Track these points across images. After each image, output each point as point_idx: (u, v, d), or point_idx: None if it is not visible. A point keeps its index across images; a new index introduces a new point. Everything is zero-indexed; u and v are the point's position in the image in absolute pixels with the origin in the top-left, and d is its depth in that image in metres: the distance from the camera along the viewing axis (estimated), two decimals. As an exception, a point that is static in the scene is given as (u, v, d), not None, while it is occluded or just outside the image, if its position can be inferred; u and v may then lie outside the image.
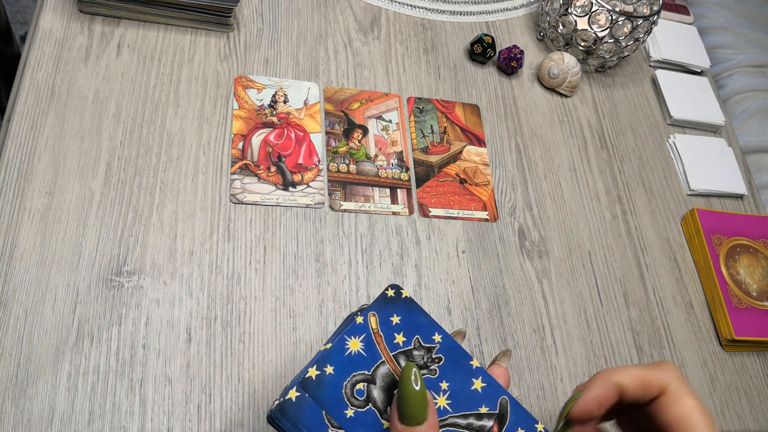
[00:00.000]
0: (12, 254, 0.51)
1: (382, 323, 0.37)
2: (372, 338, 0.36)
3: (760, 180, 0.97)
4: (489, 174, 0.68)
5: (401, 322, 0.37)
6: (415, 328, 0.37)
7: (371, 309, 0.37)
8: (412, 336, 0.36)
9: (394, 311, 0.37)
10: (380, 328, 0.36)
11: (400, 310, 0.37)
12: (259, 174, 0.60)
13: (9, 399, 0.45)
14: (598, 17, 0.76)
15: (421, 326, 0.37)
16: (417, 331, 0.37)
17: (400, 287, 0.38)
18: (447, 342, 0.37)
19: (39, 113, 0.57)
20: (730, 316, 0.65)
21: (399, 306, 0.37)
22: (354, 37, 0.73)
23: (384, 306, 0.37)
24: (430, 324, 0.37)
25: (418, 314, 0.37)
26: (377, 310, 0.37)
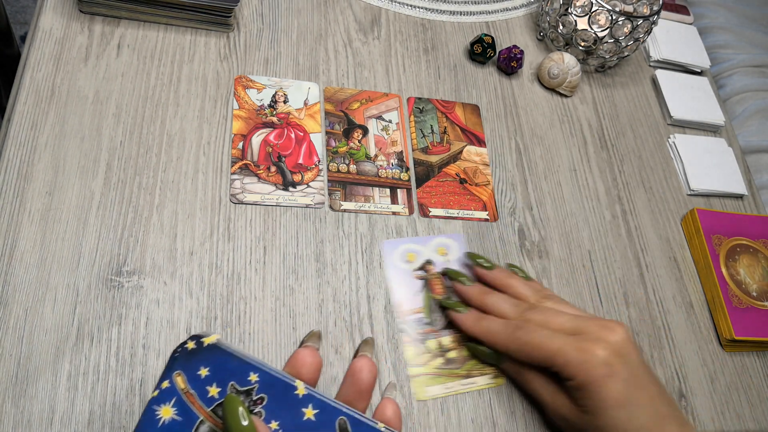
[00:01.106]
0: (12, 254, 0.51)
1: (191, 380, 0.34)
2: (183, 399, 0.33)
3: (760, 180, 0.97)
4: (489, 174, 0.68)
5: (210, 372, 0.34)
6: (227, 375, 0.34)
7: (176, 368, 0.34)
8: (226, 384, 0.34)
9: (201, 363, 0.34)
10: (189, 386, 0.33)
11: (206, 361, 0.34)
12: (259, 174, 0.60)
13: (9, 399, 0.45)
14: (598, 17, 0.76)
15: (233, 370, 0.34)
16: (230, 378, 0.34)
17: (201, 336, 0.35)
18: (265, 378, 0.34)
19: (39, 113, 0.57)
20: (730, 316, 0.65)
21: (204, 356, 0.34)
22: (354, 37, 0.73)
23: (188, 361, 0.34)
24: (242, 365, 0.34)
25: (226, 359, 0.34)
26: (182, 368, 0.34)
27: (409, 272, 0.58)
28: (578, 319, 0.50)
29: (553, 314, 0.50)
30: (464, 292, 0.56)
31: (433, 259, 0.60)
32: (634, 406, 0.45)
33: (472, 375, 0.55)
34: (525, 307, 0.52)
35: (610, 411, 0.45)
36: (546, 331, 0.49)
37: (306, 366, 0.36)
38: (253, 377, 0.34)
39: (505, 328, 0.51)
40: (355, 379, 0.37)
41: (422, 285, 0.58)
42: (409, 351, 0.55)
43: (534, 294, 0.55)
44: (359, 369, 0.37)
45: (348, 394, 0.37)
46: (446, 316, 0.57)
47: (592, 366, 0.45)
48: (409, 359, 0.54)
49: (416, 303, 0.57)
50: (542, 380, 0.50)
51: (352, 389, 0.37)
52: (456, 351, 0.55)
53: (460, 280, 0.57)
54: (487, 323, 0.52)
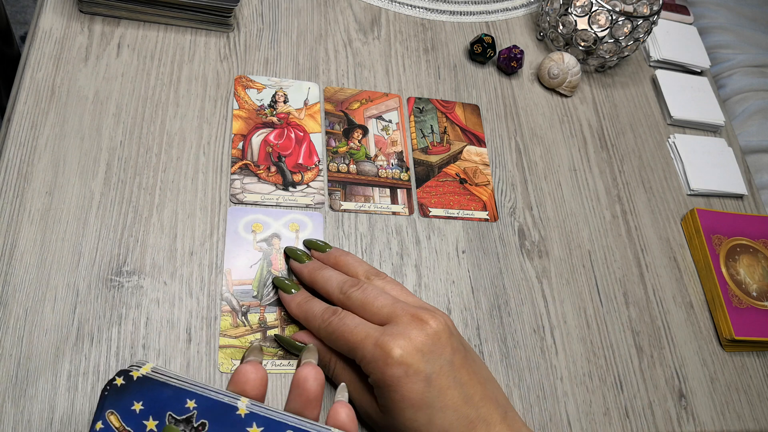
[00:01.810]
0: (12, 254, 0.51)
1: (125, 417, 0.32)
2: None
3: (760, 180, 0.97)
4: (489, 174, 0.68)
5: (144, 406, 0.33)
6: (162, 406, 0.33)
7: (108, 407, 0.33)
8: (164, 415, 0.32)
9: (133, 398, 0.33)
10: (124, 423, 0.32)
11: (138, 394, 0.33)
12: (259, 174, 0.60)
13: (9, 399, 0.45)
14: (598, 17, 0.76)
15: (168, 400, 0.33)
16: (166, 408, 0.33)
17: (128, 370, 0.34)
18: (203, 403, 0.33)
19: (39, 113, 0.57)
20: (730, 316, 0.65)
21: (136, 390, 0.33)
22: (354, 37, 0.73)
23: (120, 398, 0.33)
24: (176, 393, 0.33)
25: (159, 389, 0.33)
26: (114, 406, 0.33)
27: (251, 242, 0.56)
28: (396, 304, 0.46)
29: (375, 295, 0.47)
30: (297, 269, 0.53)
31: (281, 234, 0.57)
32: (435, 408, 0.42)
33: (290, 357, 0.52)
34: (351, 284, 0.48)
35: (407, 412, 0.42)
36: (357, 320, 0.45)
37: (250, 383, 0.35)
38: (191, 404, 0.33)
39: (323, 313, 0.47)
40: (301, 390, 0.36)
41: (260, 258, 0.55)
42: (225, 321, 0.52)
43: (366, 272, 0.51)
44: (304, 378, 0.36)
45: (296, 405, 0.36)
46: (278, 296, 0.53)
47: (387, 365, 0.42)
48: (223, 329, 0.52)
49: (248, 275, 0.55)
50: (351, 375, 0.47)
51: (300, 400, 0.36)
52: (278, 329, 0.53)
53: (298, 256, 0.53)
54: (310, 305, 0.49)
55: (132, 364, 0.35)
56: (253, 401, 0.34)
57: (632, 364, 0.61)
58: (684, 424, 0.60)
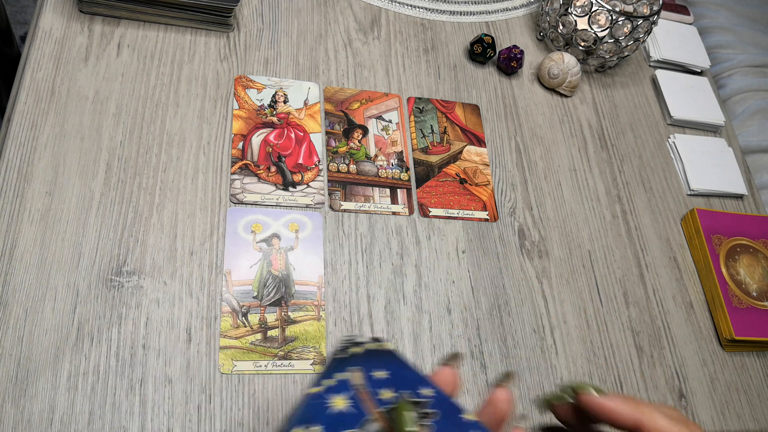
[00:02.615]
0: (12, 254, 0.51)
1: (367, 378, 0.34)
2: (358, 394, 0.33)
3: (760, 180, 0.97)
4: (489, 174, 0.68)
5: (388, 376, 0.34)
6: (402, 383, 0.34)
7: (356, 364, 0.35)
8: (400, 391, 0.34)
9: (379, 365, 0.35)
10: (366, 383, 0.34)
11: (384, 364, 0.35)
12: (259, 174, 0.60)
13: (9, 399, 0.45)
14: (598, 17, 0.76)
15: (409, 380, 0.34)
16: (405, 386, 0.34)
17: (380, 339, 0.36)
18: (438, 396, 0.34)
19: (39, 113, 0.57)
20: (730, 316, 0.65)
21: (383, 360, 0.35)
22: (354, 37, 0.73)
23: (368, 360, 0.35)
24: (418, 378, 0.35)
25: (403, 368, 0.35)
26: (361, 365, 0.34)
27: (251, 243, 0.56)
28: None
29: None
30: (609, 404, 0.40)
31: (281, 234, 0.57)
32: None
33: (290, 358, 0.52)
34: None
35: None
36: None
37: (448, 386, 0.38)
38: (427, 392, 0.34)
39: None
40: (495, 409, 0.38)
41: (260, 258, 0.56)
42: (226, 322, 0.53)
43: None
44: (501, 399, 0.38)
45: (487, 420, 0.38)
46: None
47: None
48: (223, 330, 0.52)
49: (248, 275, 0.55)
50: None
51: (492, 418, 0.38)
52: (278, 330, 0.53)
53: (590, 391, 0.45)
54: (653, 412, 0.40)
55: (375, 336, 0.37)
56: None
57: (632, 364, 0.61)
58: (684, 424, 0.60)
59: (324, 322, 0.55)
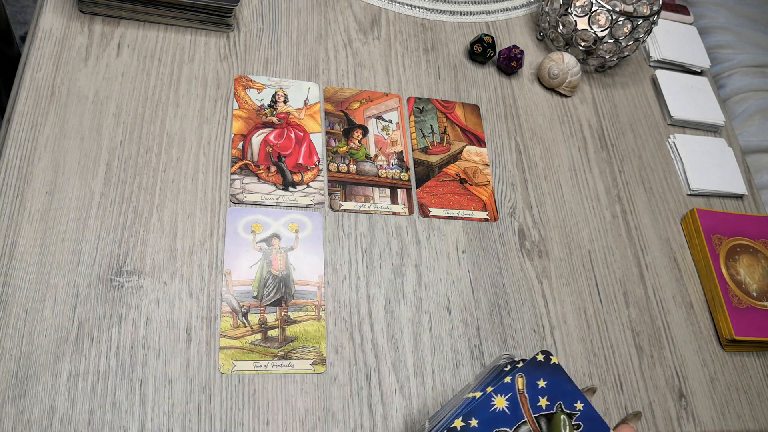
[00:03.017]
0: (12, 254, 0.51)
1: (529, 385, 0.38)
2: (517, 398, 0.38)
3: (760, 180, 0.97)
4: (489, 174, 0.68)
5: (547, 386, 0.39)
6: (559, 394, 0.38)
7: (520, 371, 0.39)
8: (556, 401, 0.38)
9: (542, 375, 0.39)
10: (526, 389, 0.38)
11: (547, 375, 0.39)
12: (259, 174, 0.60)
13: (9, 399, 0.45)
14: (598, 17, 0.76)
15: (566, 393, 0.39)
16: (560, 397, 0.38)
17: (550, 353, 0.40)
18: (588, 412, 0.38)
19: (39, 113, 0.57)
20: (730, 316, 0.65)
21: (546, 371, 0.39)
22: (354, 37, 0.73)
23: (532, 369, 0.39)
24: (573, 392, 0.39)
25: (563, 381, 0.39)
26: (525, 372, 0.39)
27: (251, 243, 0.56)
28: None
29: None
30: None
31: (281, 234, 0.57)
32: None
33: (290, 357, 0.52)
34: None
35: None
36: None
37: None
38: (579, 405, 0.38)
39: None
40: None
41: (260, 258, 0.56)
42: (226, 322, 0.52)
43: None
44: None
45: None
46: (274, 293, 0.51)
47: None
48: (223, 330, 0.52)
49: (248, 275, 0.55)
50: None
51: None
52: (278, 330, 0.53)
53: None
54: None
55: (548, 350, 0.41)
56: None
57: (632, 364, 0.61)
58: (684, 424, 0.60)
59: (324, 322, 0.55)
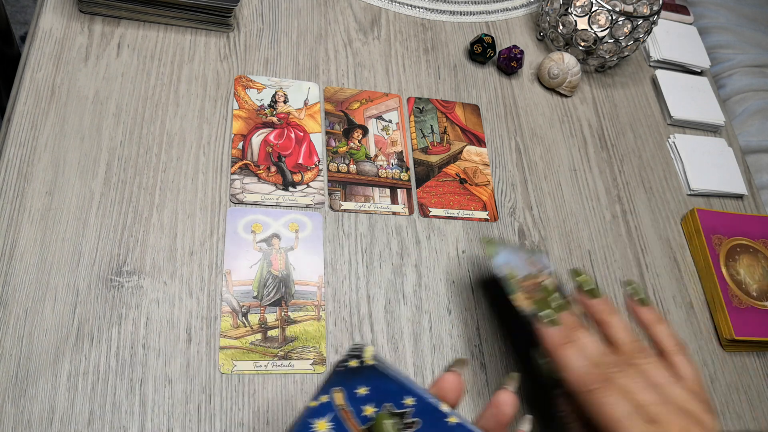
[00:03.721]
0: (12, 254, 0.51)
1: (349, 397, 0.34)
2: (339, 416, 0.34)
3: (760, 180, 0.97)
4: (489, 174, 0.68)
5: (369, 392, 0.35)
6: (384, 396, 0.34)
7: (336, 385, 0.35)
8: (382, 405, 0.34)
9: (360, 382, 0.35)
10: (347, 403, 0.34)
11: (366, 380, 0.35)
12: (259, 174, 0.60)
13: (9, 399, 0.45)
14: (598, 17, 0.76)
15: (391, 393, 0.35)
16: (386, 399, 0.34)
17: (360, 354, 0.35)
18: (420, 404, 0.34)
19: (39, 113, 0.57)
20: (730, 316, 0.65)
21: (365, 375, 0.35)
22: (354, 37, 0.73)
23: (349, 378, 0.35)
24: (400, 388, 0.35)
25: (385, 380, 0.35)
26: (342, 384, 0.35)
27: (250, 243, 0.56)
28: (664, 406, 0.44)
29: (641, 387, 0.45)
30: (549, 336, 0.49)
31: (281, 234, 0.57)
32: None
33: (290, 357, 0.52)
34: (613, 364, 0.47)
35: None
36: (625, 405, 0.44)
37: (452, 391, 0.37)
38: (409, 401, 0.35)
39: (586, 374, 0.46)
40: (498, 411, 0.38)
41: (260, 258, 0.56)
42: (226, 322, 0.52)
43: (630, 343, 0.48)
44: (504, 402, 0.38)
45: (488, 424, 0.38)
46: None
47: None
48: (223, 330, 0.52)
49: (248, 275, 0.55)
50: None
51: (493, 420, 0.38)
52: (278, 330, 0.53)
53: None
54: (571, 354, 0.47)
55: (355, 345, 0.37)
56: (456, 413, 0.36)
57: (632, 364, 0.61)
58: (684, 424, 0.60)
59: (324, 322, 0.55)
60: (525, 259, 0.56)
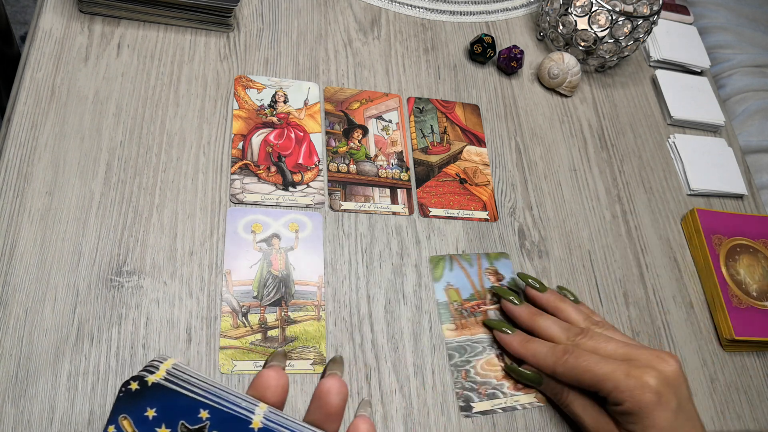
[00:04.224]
0: (12, 254, 0.51)
1: (137, 422, 0.32)
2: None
3: (760, 180, 0.97)
4: (489, 174, 0.68)
5: (158, 413, 0.32)
6: (176, 414, 0.32)
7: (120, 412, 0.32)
8: (176, 423, 0.32)
9: (146, 404, 0.32)
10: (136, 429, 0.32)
11: (152, 401, 0.32)
12: (259, 174, 0.60)
13: (9, 399, 0.45)
14: (598, 17, 0.76)
15: (183, 409, 0.32)
16: (179, 417, 0.32)
17: (143, 375, 0.33)
18: (216, 415, 0.32)
19: (39, 113, 0.57)
20: (730, 316, 0.65)
21: (150, 396, 0.32)
22: (354, 37, 0.73)
23: (134, 403, 0.32)
24: (191, 402, 0.33)
25: (173, 397, 0.32)
26: (127, 411, 0.32)
27: (250, 243, 0.56)
28: (629, 346, 0.51)
29: (604, 340, 0.52)
30: (514, 311, 0.57)
31: (281, 234, 0.57)
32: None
33: (290, 358, 0.52)
34: (575, 332, 0.53)
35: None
36: (596, 357, 0.50)
37: (271, 389, 0.34)
38: (204, 414, 0.32)
39: (554, 352, 0.52)
40: (322, 402, 0.35)
41: (260, 258, 0.56)
42: (226, 322, 0.52)
43: (585, 320, 0.55)
44: (327, 390, 0.35)
45: (316, 417, 0.35)
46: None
47: (642, 392, 0.46)
48: (223, 330, 0.52)
49: (248, 275, 0.55)
50: (584, 402, 0.51)
51: (320, 412, 0.35)
52: (278, 330, 0.53)
53: (510, 299, 0.57)
54: (535, 346, 0.54)
55: (154, 359, 0.35)
56: (271, 408, 0.34)
57: (632, 364, 0.61)
58: (684, 424, 0.60)
59: (324, 322, 0.55)
60: (484, 270, 0.59)
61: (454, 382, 0.55)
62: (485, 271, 0.60)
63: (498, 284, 0.60)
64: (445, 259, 0.59)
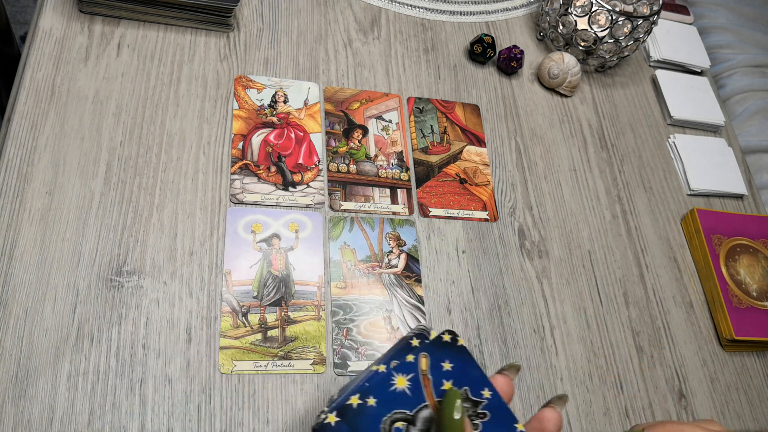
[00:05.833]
0: (12, 254, 0.51)
1: (433, 367, 0.36)
2: (420, 380, 0.35)
3: (760, 180, 0.97)
4: (489, 174, 0.68)
5: (453, 369, 0.36)
6: (465, 379, 0.36)
7: (424, 349, 0.36)
8: (461, 386, 0.35)
9: (447, 357, 0.36)
10: (430, 371, 0.35)
11: (453, 357, 0.36)
12: (259, 174, 0.60)
13: (9, 399, 0.45)
14: (598, 17, 0.76)
15: (473, 379, 0.36)
16: (467, 383, 0.36)
17: (456, 334, 0.37)
18: (495, 400, 0.35)
19: (39, 113, 0.57)
20: (730, 316, 0.65)
21: (453, 353, 0.36)
22: (354, 37, 0.73)
23: (437, 349, 0.36)
24: (481, 378, 0.36)
25: (471, 366, 0.36)
26: (430, 352, 0.36)
27: (250, 243, 0.56)
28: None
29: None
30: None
31: (281, 234, 0.57)
32: None
33: (291, 358, 0.52)
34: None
35: None
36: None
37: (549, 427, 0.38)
38: (486, 393, 0.36)
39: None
40: (542, 426, 0.38)
41: (260, 258, 0.56)
42: (226, 322, 0.52)
43: None
44: (548, 419, 0.38)
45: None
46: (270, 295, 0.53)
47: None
48: (223, 330, 0.52)
49: (248, 275, 0.55)
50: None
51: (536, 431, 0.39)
52: (278, 330, 0.53)
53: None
54: None
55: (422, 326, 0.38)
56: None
57: (632, 364, 0.61)
58: (684, 424, 0.60)
59: (324, 322, 0.55)
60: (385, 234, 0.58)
61: (333, 338, 0.54)
62: (387, 236, 0.59)
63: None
64: (346, 219, 0.58)
